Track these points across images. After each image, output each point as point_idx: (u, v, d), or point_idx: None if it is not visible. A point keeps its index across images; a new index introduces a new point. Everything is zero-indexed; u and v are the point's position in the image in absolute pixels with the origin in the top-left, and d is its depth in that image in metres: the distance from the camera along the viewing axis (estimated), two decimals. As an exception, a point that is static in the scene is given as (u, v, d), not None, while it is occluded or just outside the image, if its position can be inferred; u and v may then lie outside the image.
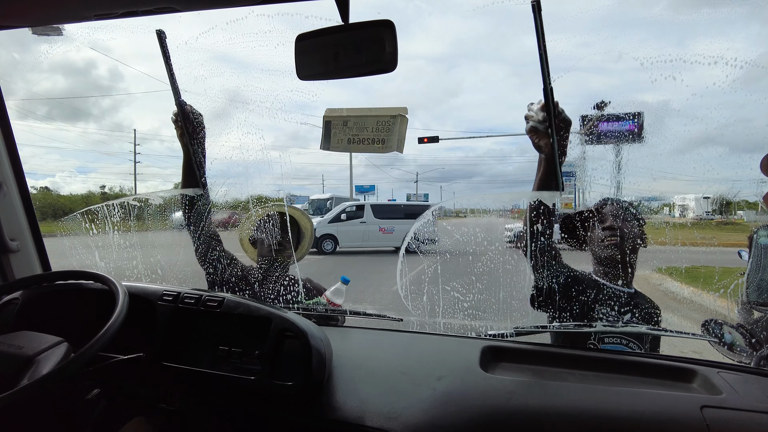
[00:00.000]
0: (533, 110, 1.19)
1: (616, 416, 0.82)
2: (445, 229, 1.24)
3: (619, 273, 1.46)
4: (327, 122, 1.14)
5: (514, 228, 1.48)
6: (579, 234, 1.55)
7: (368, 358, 1.07)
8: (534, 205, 1.24)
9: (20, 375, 0.80)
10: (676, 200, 30.77)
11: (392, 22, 0.90)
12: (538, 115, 1.18)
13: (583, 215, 1.55)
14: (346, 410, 0.90)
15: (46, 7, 0.92)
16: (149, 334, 1.04)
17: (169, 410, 0.98)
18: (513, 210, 1.47)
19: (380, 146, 1.11)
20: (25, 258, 1.38)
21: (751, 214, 27.39)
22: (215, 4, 0.93)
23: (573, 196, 11.34)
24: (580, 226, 1.56)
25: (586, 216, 1.54)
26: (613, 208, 1.51)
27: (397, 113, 1.09)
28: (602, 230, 1.45)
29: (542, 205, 1.21)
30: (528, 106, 1.22)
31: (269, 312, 0.99)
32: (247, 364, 0.96)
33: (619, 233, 1.42)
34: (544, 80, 1.05)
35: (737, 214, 24.69)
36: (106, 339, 0.86)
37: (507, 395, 0.88)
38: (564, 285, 1.38)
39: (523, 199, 1.36)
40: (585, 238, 1.54)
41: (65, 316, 1.13)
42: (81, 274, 1.11)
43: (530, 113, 1.20)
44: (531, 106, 1.20)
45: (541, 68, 1.03)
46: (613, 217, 1.47)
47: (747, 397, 0.84)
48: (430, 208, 1.26)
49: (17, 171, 1.36)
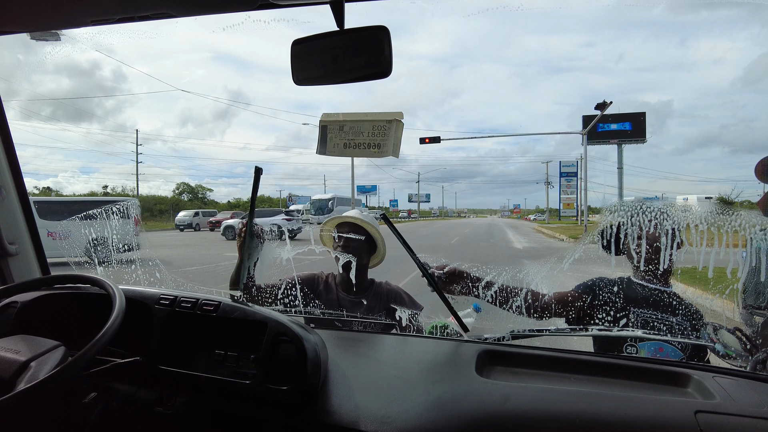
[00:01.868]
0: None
1: (611, 421, 0.82)
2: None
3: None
4: (323, 127, 1.15)
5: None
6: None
7: (363, 361, 1.07)
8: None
9: (16, 379, 0.81)
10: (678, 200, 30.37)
11: (387, 27, 0.90)
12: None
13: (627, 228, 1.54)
14: (341, 414, 0.90)
15: (43, 14, 0.93)
16: (146, 338, 1.04)
17: (166, 414, 0.98)
18: (514, 210, 1.47)
19: (376, 151, 1.11)
20: (23, 261, 1.39)
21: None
22: (210, 10, 0.94)
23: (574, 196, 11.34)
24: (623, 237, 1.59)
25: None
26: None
27: (392, 118, 1.09)
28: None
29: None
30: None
31: (265, 316, 0.99)
32: (243, 368, 0.96)
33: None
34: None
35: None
36: (102, 343, 0.86)
37: (502, 399, 0.88)
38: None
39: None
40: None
41: (63, 320, 1.13)
42: (79, 278, 1.11)
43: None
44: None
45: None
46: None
47: (742, 402, 0.84)
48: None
49: (16, 174, 1.36)
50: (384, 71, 0.95)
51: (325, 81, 1.01)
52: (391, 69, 0.93)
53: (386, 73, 0.95)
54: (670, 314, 1.51)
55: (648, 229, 1.48)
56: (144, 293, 1.11)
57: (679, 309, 1.53)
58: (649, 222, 1.47)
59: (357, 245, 1.76)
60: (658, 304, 1.53)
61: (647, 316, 1.50)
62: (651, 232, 1.49)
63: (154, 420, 0.99)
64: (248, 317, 1.01)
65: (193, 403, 0.99)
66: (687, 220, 1.39)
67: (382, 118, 1.10)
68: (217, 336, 1.03)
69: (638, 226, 1.48)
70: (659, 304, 1.53)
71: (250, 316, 1.01)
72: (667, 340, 1.23)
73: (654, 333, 1.20)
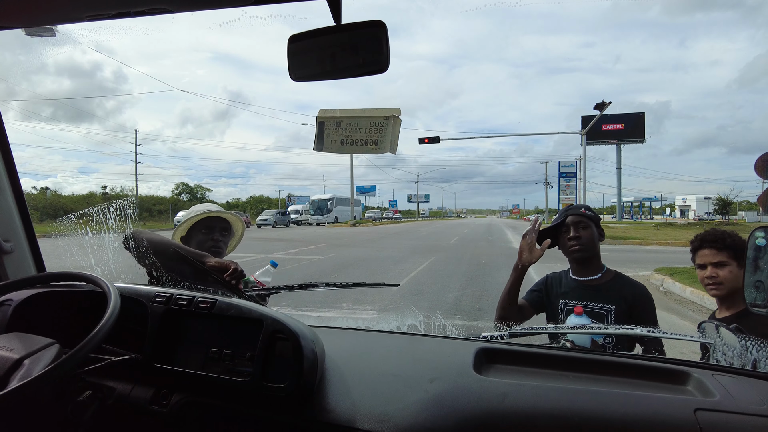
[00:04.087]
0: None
1: (609, 418, 0.81)
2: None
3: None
4: (320, 123, 1.14)
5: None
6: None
7: (361, 360, 1.07)
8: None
9: (9, 377, 0.80)
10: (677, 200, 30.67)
11: (384, 22, 0.90)
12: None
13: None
14: (338, 413, 0.89)
15: (37, 9, 0.92)
16: (141, 335, 1.04)
17: (161, 412, 0.98)
18: (513, 210, 1.56)
19: (373, 147, 1.10)
20: (19, 259, 1.38)
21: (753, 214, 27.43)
22: (207, 5, 0.93)
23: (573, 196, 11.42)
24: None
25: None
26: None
27: (390, 114, 1.09)
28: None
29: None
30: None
31: (261, 314, 0.99)
32: (239, 366, 0.96)
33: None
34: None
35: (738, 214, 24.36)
36: (96, 341, 0.85)
37: (500, 397, 0.87)
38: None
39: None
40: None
41: (59, 318, 1.13)
42: (74, 275, 1.10)
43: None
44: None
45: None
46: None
47: (741, 400, 0.83)
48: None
49: (11, 171, 1.36)
50: (381, 67, 0.94)
51: (323, 77, 1.01)
52: (389, 64, 0.92)
53: (383, 69, 0.94)
54: (603, 300, 1.71)
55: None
56: (139, 290, 1.10)
57: (610, 293, 1.72)
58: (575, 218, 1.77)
59: (224, 243, 1.80)
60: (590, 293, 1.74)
61: (574, 305, 1.68)
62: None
63: (150, 418, 0.98)
64: (244, 315, 1.00)
65: (188, 401, 0.98)
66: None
67: (379, 114, 1.09)
68: (212, 334, 1.02)
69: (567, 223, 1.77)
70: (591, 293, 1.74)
71: (246, 313, 1.00)
72: (670, 337, 1.23)
73: (650, 331, 1.19)
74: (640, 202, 79.23)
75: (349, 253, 14.71)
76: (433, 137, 20.59)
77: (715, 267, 1.71)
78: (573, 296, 1.75)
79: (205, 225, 1.75)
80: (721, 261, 1.71)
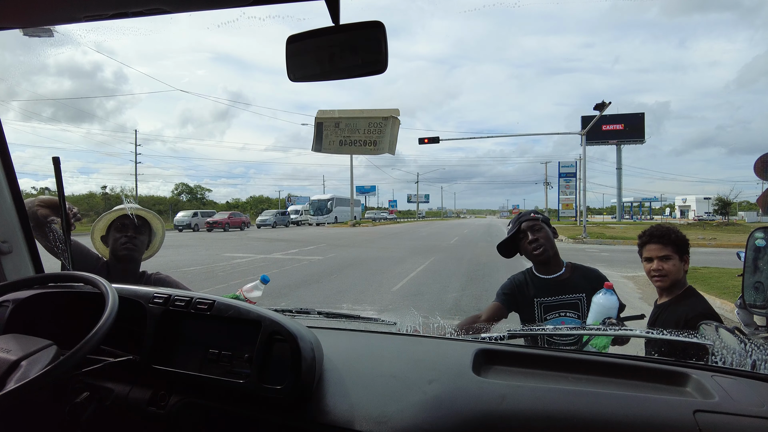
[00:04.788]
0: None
1: (608, 420, 0.81)
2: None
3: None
4: (319, 124, 1.14)
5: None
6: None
7: (359, 361, 1.06)
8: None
9: (6, 378, 0.80)
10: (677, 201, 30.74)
11: (382, 23, 0.89)
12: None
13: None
14: (336, 414, 0.89)
15: (35, 9, 0.92)
16: (139, 337, 1.03)
17: (159, 414, 0.97)
18: (513, 210, 1.59)
19: (372, 148, 1.10)
20: (17, 260, 1.38)
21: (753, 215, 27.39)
22: (204, 6, 0.93)
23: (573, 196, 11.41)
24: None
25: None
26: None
27: (389, 115, 1.09)
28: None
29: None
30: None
31: (259, 315, 0.98)
32: (237, 368, 0.95)
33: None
34: None
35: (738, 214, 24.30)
36: (94, 342, 0.85)
37: (499, 399, 0.87)
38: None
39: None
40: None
41: (57, 319, 1.12)
42: (72, 276, 1.10)
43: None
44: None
45: None
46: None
47: (741, 402, 0.83)
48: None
49: (9, 172, 1.35)
50: (380, 67, 0.94)
51: (321, 77, 1.01)
52: (387, 65, 0.92)
53: (382, 69, 0.94)
54: (573, 291, 1.87)
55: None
56: (137, 292, 1.09)
57: (577, 283, 1.89)
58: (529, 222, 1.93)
59: (142, 239, 1.83)
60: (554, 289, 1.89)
61: (551, 301, 1.88)
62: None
63: (148, 420, 0.98)
64: (242, 316, 1.00)
65: (186, 402, 0.98)
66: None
67: (378, 115, 1.09)
68: (211, 335, 1.02)
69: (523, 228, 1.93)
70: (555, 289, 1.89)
71: (245, 314, 1.00)
72: (670, 340, 1.22)
73: (647, 332, 1.19)
74: (640, 202, 79.21)
75: (348, 254, 14.72)
76: (433, 137, 20.59)
77: (660, 260, 1.83)
78: (547, 293, 1.88)
79: (120, 223, 1.81)
80: (667, 255, 1.83)
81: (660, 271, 1.83)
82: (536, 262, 1.94)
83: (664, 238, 1.86)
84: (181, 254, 13.85)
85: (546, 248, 1.88)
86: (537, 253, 1.87)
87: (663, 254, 1.84)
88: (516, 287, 1.95)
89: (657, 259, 1.84)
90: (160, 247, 1.98)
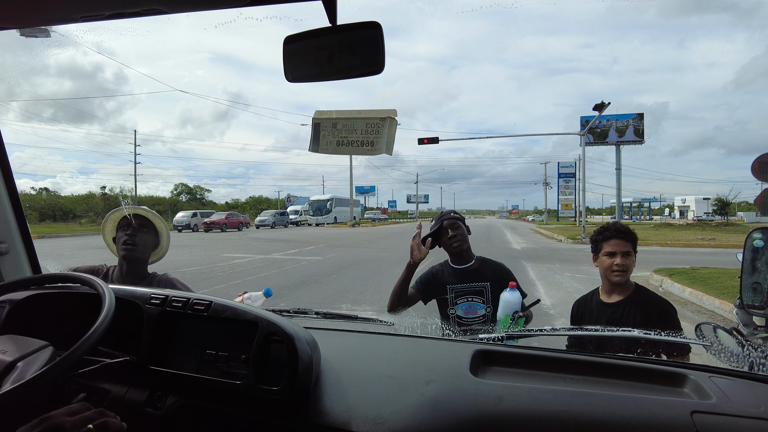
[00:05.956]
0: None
1: (606, 421, 0.81)
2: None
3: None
4: (316, 124, 1.13)
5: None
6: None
7: (356, 362, 1.06)
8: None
9: (2, 380, 0.79)
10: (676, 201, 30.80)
11: (380, 24, 0.89)
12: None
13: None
14: (333, 415, 0.89)
15: (30, 9, 0.91)
16: (136, 337, 1.03)
17: (156, 415, 0.97)
18: (513, 211, 1.60)
19: (369, 148, 1.10)
20: (14, 260, 1.38)
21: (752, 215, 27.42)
22: (201, 6, 0.93)
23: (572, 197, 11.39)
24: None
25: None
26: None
27: (386, 115, 1.08)
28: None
29: None
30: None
31: (256, 315, 0.98)
32: (234, 369, 0.95)
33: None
34: None
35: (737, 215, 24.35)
36: (90, 343, 0.85)
37: (496, 400, 0.87)
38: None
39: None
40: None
41: (54, 320, 1.12)
42: (69, 277, 1.10)
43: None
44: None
45: None
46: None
47: (738, 403, 0.83)
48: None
49: (6, 172, 1.35)
50: (377, 68, 0.94)
51: (318, 78, 1.00)
52: (384, 65, 0.92)
53: (379, 70, 0.94)
54: (480, 280, 2.17)
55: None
56: (134, 292, 1.09)
57: (483, 274, 2.18)
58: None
59: (144, 239, 1.86)
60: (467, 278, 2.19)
61: (461, 288, 2.17)
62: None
63: (144, 421, 0.98)
64: (239, 317, 0.99)
65: (183, 403, 0.98)
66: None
67: (375, 116, 1.09)
68: (207, 336, 1.02)
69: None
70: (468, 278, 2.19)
71: (242, 315, 0.99)
72: (668, 339, 1.22)
73: (644, 333, 1.19)
74: (639, 202, 79.23)
75: (348, 254, 14.70)
76: (433, 138, 20.60)
77: (624, 256, 1.89)
78: (457, 281, 2.19)
79: (124, 223, 1.86)
80: (628, 251, 1.90)
81: (622, 266, 1.87)
82: (453, 254, 2.23)
83: (628, 234, 1.92)
84: (181, 254, 13.84)
85: (462, 243, 2.18)
86: (455, 246, 2.17)
87: (626, 250, 1.89)
88: (432, 276, 2.27)
89: (621, 254, 1.88)
90: (168, 247, 1.99)
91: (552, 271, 10.38)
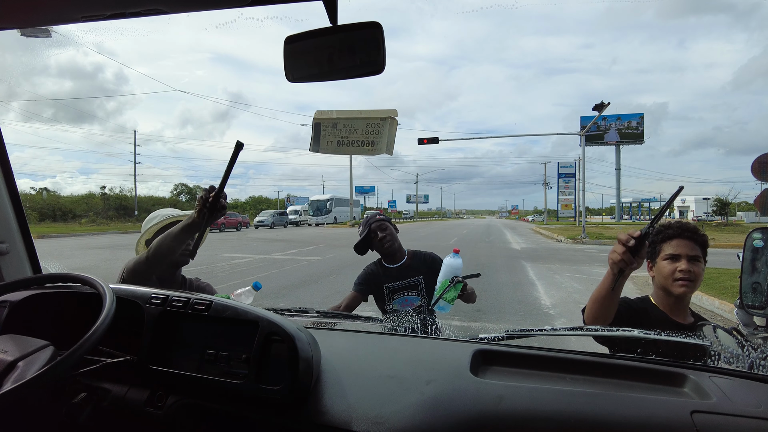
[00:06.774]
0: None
1: (606, 421, 0.81)
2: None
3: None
4: (317, 124, 1.13)
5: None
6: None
7: (357, 361, 1.06)
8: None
9: (3, 379, 0.80)
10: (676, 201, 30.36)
11: (380, 24, 0.89)
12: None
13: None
14: (333, 415, 0.89)
15: (31, 9, 0.92)
16: (137, 337, 1.03)
17: (156, 414, 0.97)
18: (513, 211, 1.59)
19: (369, 148, 1.10)
20: (14, 260, 1.38)
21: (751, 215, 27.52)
22: (202, 6, 0.93)
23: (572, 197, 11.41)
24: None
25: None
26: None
27: (386, 115, 1.08)
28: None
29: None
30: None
31: (257, 315, 0.98)
32: (234, 368, 0.95)
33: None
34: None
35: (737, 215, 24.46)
36: (91, 343, 0.85)
37: (496, 399, 0.87)
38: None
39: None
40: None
41: (55, 320, 1.12)
42: (70, 277, 1.10)
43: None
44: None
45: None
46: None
47: (738, 402, 0.83)
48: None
49: (6, 172, 1.35)
50: (378, 68, 0.94)
51: (319, 78, 1.01)
52: (385, 65, 0.92)
53: (380, 70, 0.94)
54: (413, 274, 2.25)
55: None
56: (135, 292, 1.09)
57: (416, 268, 2.27)
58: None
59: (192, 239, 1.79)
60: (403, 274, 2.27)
61: (396, 285, 2.25)
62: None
63: (145, 420, 0.98)
64: (240, 316, 1.00)
65: (184, 403, 0.98)
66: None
67: (375, 116, 1.09)
68: (208, 335, 1.02)
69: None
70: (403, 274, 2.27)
71: (242, 315, 1.00)
72: (667, 338, 1.22)
73: (644, 333, 1.19)
74: (639, 202, 79.23)
75: (348, 254, 14.68)
76: (432, 138, 20.63)
77: (691, 261, 1.49)
78: (392, 279, 2.27)
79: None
80: (698, 255, 1.50)
81: (690, 274, 1.42)
82: (384, 255, 2.30)
83: (697, 235, 1.48)
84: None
85: (392, 242, 2.25)
86: (386, 247, 2.25)
87: (694, 254, 1.45)
88: (369, 277, 2.32)
89: (687, 258, 1.43)
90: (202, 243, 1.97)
91: (552, 271, 10.39)
